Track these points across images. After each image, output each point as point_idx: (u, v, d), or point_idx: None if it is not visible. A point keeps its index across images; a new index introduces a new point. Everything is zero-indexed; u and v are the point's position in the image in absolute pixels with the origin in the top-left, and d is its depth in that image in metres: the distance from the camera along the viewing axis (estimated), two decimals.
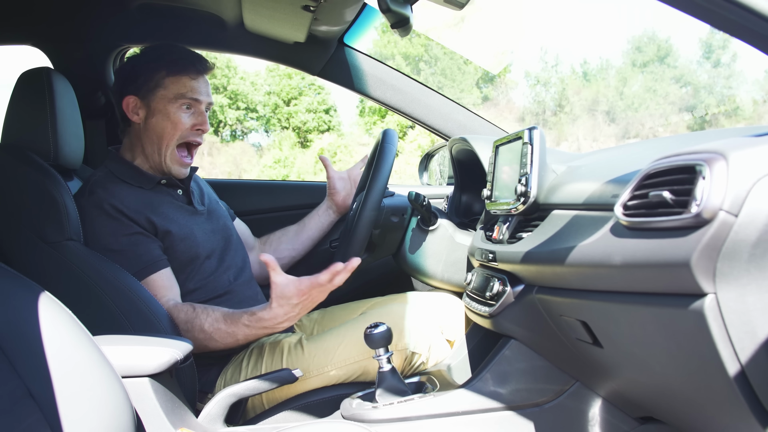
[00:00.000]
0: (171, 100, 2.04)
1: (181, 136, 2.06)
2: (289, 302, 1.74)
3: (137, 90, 2.05)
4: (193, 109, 2.07)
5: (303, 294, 1.73)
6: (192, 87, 2.05)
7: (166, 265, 1.95)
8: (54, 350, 1.17)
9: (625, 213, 1.11)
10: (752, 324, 0.97)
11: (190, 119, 2.06)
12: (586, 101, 29.71)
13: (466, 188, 2.48)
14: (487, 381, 1.70)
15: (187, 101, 2.05)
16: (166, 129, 2.04)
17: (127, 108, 2.06)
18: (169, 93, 2.04)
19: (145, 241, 1.93)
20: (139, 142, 2.09)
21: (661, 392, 1.31)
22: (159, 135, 2.05)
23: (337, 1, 2.06)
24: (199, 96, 2.06)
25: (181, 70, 2.05)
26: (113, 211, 1.91)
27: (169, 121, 2.04)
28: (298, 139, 29.78)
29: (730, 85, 30.15)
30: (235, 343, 1.85)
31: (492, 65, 6.16)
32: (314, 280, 1.72)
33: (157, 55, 2.08)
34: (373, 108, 27.81)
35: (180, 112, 2.04)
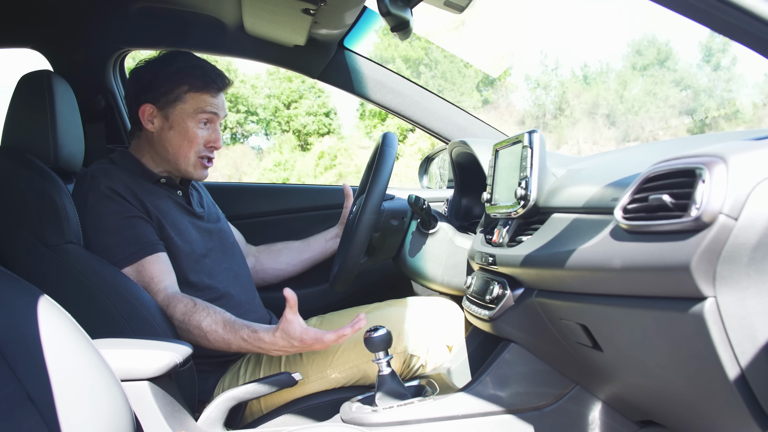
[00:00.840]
0: (190, 114, 2.05)
1: (196, 151, 2.07)
2: (290, 341, 1.74)
3: (156, 99, 2.05)
4: (210, 125, 2.09)
5: (304, 343, 1.73)
6: (212, 103, 2.07)
7: (162, 250, 1.95)
8: (53, 354, 1.17)
9: (624, 216, 1.11)
10: (752, 327, 0.97)
11: (205, 135, 2.08)
12: (587, 104, 29.74)
13: (466, 191, 2.48)
14: (486, 384, 1.70)
15: (205, 116, 2.07)
16: (182, 144, 2.06)
17: (143, 115, 2.07)
18: (188, 108, 2.05)
19: (142, 224, 1.93)
20: (151, 148, 2.10)
21: (661, 396, 1.30)
22: (174, 147, 2.06)
23: (337, 5, 2.06)
24: (218, 112, 2.09)
25: (204, 88, 2.06)
26: (113, 194, 1.91)
27: (185, 136, 2.05)
28: (299, 143, 29.82)
29: (730, 89, 30.20)
30: (227, 349, 1.84)
31: (492, 68, 6.16)
32: (319, 336, 1.73)
33: (179, 67, 2.08)
34: (374, 111, 27.85)
35: (197, 128, 2.06)
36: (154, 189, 2.06)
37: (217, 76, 2.10)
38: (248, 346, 1.80)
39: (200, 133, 2.06)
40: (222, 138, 2.14)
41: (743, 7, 1.00)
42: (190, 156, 2.07)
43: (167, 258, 1.96)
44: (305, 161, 28.38)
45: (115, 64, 2.77)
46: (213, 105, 2.07)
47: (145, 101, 2.06)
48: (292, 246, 2.54)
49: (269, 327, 1.79)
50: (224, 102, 2.14)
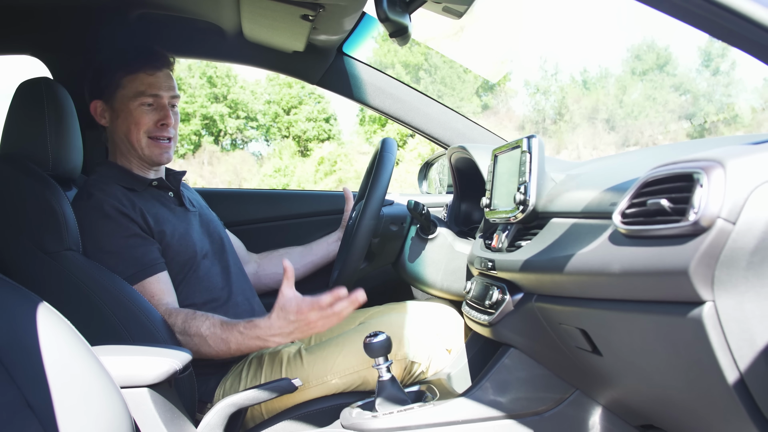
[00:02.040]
0: (131, 98, 2.04)
1: (146, 131, 2.06)
2: (287, 317, 1.75)
3: (101, 93, 2.07)
4: (155, 105, 2.07)
5: (302, 313, 1.74)
6: (150, 83, 2.05)
7: (163, 269, 1.95)
8: (53, 361, 1.17)
9: (623, 221, 1.11)
10: (751, 332, 0.97)
11: (152, 116, 2.06)
12: (586, 109, 29.78)
13: (466, 197, 2.48)
14: (486, 390, 1.70)
15: (147, 98, 2.05)
16: (130, 128, 2.05)
17: (95, 112, 2.09)
18: (128, 92, 2.04)
19: (143, 243, 1.94)
20: (114, 145, 2.11)
21: (661, 400, 1.30)
22: (125, 134, 2.06)
23: (335, 11, 2.06)
24: (158, 91, 2.06)
25: (137, 68, 2.05)
26: (114, 211, 1.91)
27: (131, 119, 2.05)
28: (298, 148, 29.86)
29: (729, 93, 30.23)
30: (227, 351, 1.84)
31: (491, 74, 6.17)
32: (315, 300, 1.74)
33: (113, 56, 2.09)
34: (373, 117, 27.89)
35: (141, 110, 2.05)
36: (148, 196, 2.07)
37: (149, 55, 2.08)
38: (246, 341, 1.81)
39: (145, 114, 2.05)
40: (174, 115, 2.12)
41: (741, 13, 1.00)
42: (141, 139, 2.06)
43: (167, 277, 1.96)
44: (305, 167, 28.41)
45: None
46: (151, 85, 2.05)
47: (93, 98, 2.09)
48: (294, 251, 2.54)
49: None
50: (169, 81, 2.12)
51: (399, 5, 1.42)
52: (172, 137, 2.12)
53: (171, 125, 2.09)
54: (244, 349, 1.85)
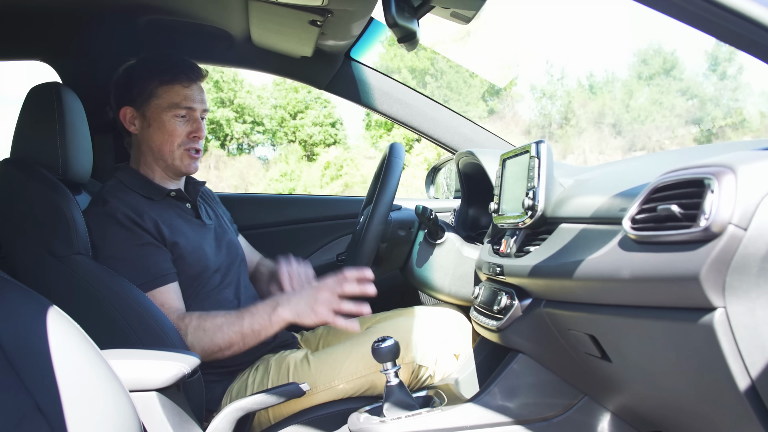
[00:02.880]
0: (165, 109, 2.05)
1: (180, 143, 2.07)
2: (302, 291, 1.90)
3: (132, 101, 2.07)
4: (188, 117, 2.08)
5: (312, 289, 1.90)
6: (185, 95, 2.06)
7: (174, 279, 1.96)
8: (62, 364, 1.17)
9: (633, 227, 1.11)
10: (762, 338, 0.97)
11: (185, 127, 2.07)
12: (592, 114, 29.71)
13: (473, 202, 2.48)
14: (495, 395, 1.69)
15: (181, 110, 2.06)
16: (164, 138, 2.06)
17: (124, 119, 2.08)
18: (162, 102, 2.05)
19: (156, 253, 1.94)
20: (140, 152, 2.11)
21: (670, 406, 1.30)
22: (157, 144, 2.06)
23: (344, 16, 2.07)
24: (192, 104, 2.07)
25: (173, 79, 2.05)
26: (127, 220, 1.92)
27: (164, 130, 2.05)
28: (305, 153, 29.84)
29: (736, 98, 30.12)
30: (240, 337, 1.88)
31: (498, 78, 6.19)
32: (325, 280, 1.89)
33: (149, 64, 2.10)
34: (380, 121, 27.87)
35: (175, 121, 2.05)
36: (164, 206, 2.07)
37: (186, 67, 2.09)
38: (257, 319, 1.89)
39: (178, 125, 2.06)
40: (204, 128, 2.14)
41: (747, 15, 1.00)
42: (174, 150, 2.07)
43: (177, 287, 1.97)
44: (311, 171, 28.40)
45: None
46: (186, 97, 2.06)
47: (124, 104, 2.08)
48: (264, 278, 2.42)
49: None
50: (202, 94, 2.12)
51: (407, 11, 1.43)
52: (201, 149, 2.13)
53: (202, 138, 2.12)
54: (256, 326, 1.89)
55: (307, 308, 1.87)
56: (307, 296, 1.90)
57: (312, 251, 2.91)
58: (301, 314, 1.87)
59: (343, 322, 1.86)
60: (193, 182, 2.22)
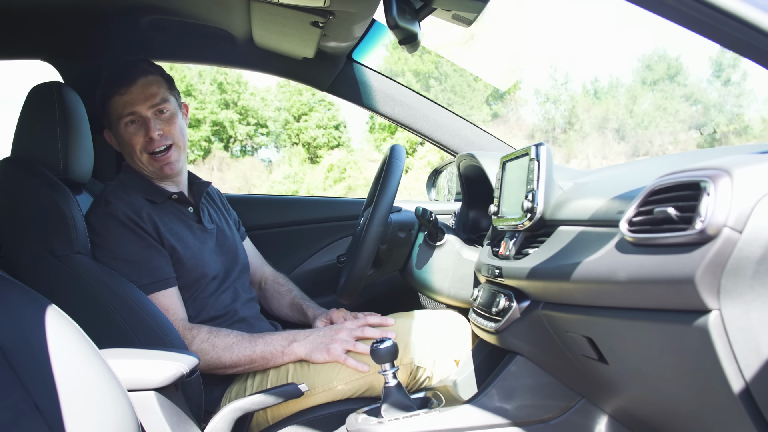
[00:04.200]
0: (116, 123, 2.06)
1: (142, 149, 2.05)
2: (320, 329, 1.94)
3: (106, 123, 2.11)
4: (138, 122, 2.05)
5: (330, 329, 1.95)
6: (124, 102, 2.03)
7: (175, 284, 1.97)
8: (60, 363, 1.18)
9: (630, 229, 1.11)
10: (757, 341, 0.97)
11: (138, 132, 2.04)
12: (596, 119, 29.69)
13: (474, 204, 2.48)
14: (492, 397, 1.69)
15: (125, 118, 2.04)
16: (126, 150, 2.08)
17: (111, 142, 2.13)
18: (113, 118, 2.07)
19: (157, 256, 1.95)
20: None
21: (667, 409, 1.30)
22: (128, 157, 2.10)
23: (345, 18, 2.07)
24: (133, 108, 2.03)
25: (110, 92, 2.05)
26: (129, 222, 1.92)
27: (124, 142, 2.07)
28: (308, 155, 29.85)
29: (740, 104, 30.09)
30: (249, 361, 1.91)
31: (501, 82, 6.18)
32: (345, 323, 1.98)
33: (101, 85, 2.10)
34: (383, 124, 27.89)
35: (127, 130, 2.05)
36: (166, 209, 2.08)
37: (117, 74, 2.06)
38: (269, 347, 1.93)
39: (134, 134, 2.04)
40: (155, 126, 2.03)
41: (749, 22, 1.00)
42: (141, 158, 2.06)
43: (178, 292, 1.99)
44: (315, 174, 28.40)
45: None
46: (126, 104, 2.03)
47: (104, 127, 2.13)
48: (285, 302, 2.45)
49: None
50: (146, 91, 2.04)
51: (408, 12, 1.43)
52: (171, 144, 2.08)
53: (157, 137, 2.04)
54: (267, 355, 1.91)
55: (321, 346, 1.90)
56: (324, 335, 1.93)
57: (313, 252, 2.91)
58: (314, 351, 1.90)
59: (353, 362, 1.89)
60: (197, 183, 2.22)
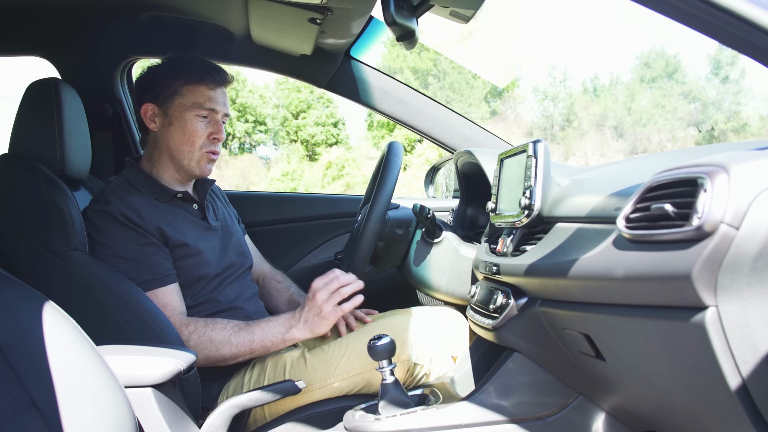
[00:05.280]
0: (188, 108, 2.05)
1: (200, 146, 2.07)
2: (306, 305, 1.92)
3: (155, 98, 2.07)
4: (209, 119, 2.08)
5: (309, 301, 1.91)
6: (209, 96, 2.06)
7: (175, 281, 1.96)
8: (57, 360, 1.17)
9: (627, 226, 1.11)
10: (753, 337, 0.97)
11: (206, 129, 2.07)
12: (594, 116, 29.72)
13: (471, 201, 2.48)
14: (490, 394, 1.69)
15: (203, 111, 2.06)
16: (184, 139, 2.06)
17: (145, 115, 2.08)
18: (186, 101, 2.05)
19: (157, 253, 1.94)
20: (157, 151, 2.10)
21: (664, 406, 1.30)
22: (177, 143, 2.07)
23: (343, 15, 2.07)
24: (215, 106, 2.07)
25: (199, 80, 2.06)
26: (126, 221, 1.91)
27: (185, 129, 2.05)
28: (306, 153, 29.87)
29: (738, 102, 30.12)
30: (248, 350, 1.91)
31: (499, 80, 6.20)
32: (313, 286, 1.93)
33: (176, 63, 2.10)
34: (382, 122, 27.90)
35: (196, 121, 2.05)
36: (170, 207, 2.07)
37: (213, 69, 2.10)
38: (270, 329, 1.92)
39: (200, 126, 2.06)
40: (224, 131, 2.14)
41: (748, 19, 1.00)
42: (194, 151, 2.07)
43: (178, 288, 1.98)
44: (313, 171, 28.41)
45: (123, 72, 2.79)
46: (210, 99, 2.07)
47: (146, 101, 2.08)
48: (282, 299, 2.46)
49: None
50: (225, 98, 2.13)
51: (406, 9, 1.43)
52: (219, 152, 2.14)
53: (222, 140, 2.12)
54: (267, 343, 1.91)
55: (317, 319, 1.90)
56: (310, 309, 1.91)
57: (310, 249, 2.91)
58: (314, 328, 1.90)
59: (349, 305, 1.92)
60: (202, 181, 2.22)
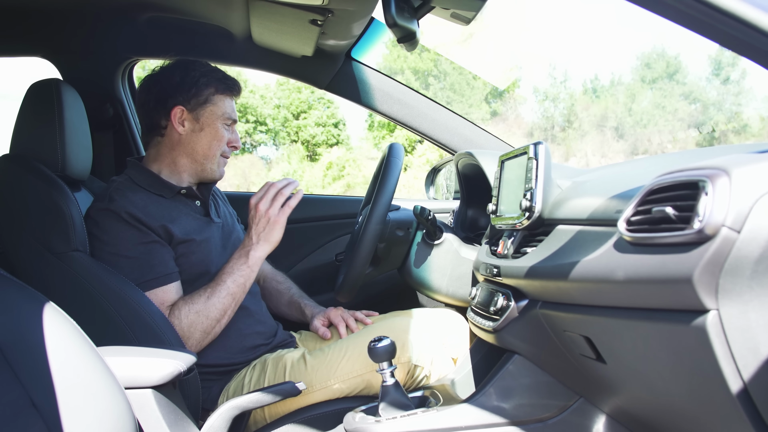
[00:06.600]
0: (218, 117, 2.12)
1: (221, 151, 2.15)
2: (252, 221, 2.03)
3: (186, 101, 2.09)
4: (231, 128, 2.18)
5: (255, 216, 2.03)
6: (232, 107, 2.17)
7: (177, 279, 1.97)
8: (57, 361, 1.17)
9: (628, 228, 1.11)
10: (755, 340, 0.97)
11: (228, 136, 2.16)
12: (595, 117, 29.72)
13: (472, 203, 2.48)
14: (490, 396, 1.69)
15: (230, 121, 2.15)
16: (212, 144, 2.12)
17: (174, 117, 2.08)
18: (218, 110, 2.12)
19: (160, 251, 1.94)
20: (174, 152, 2.11)
21: (665, 409, 1.30)
22: (204, 148, 2.11)
23: (344, 16, 2.07)
24: (236, 116, 2.18)
25: (228, 90, 2.15)
26: (131, 219, 1.91)
27: (216, 136, 2.12)
28: (307, 153, 29.87)
29: (739, 102, 30.11)
30: (231, 299, 1.96)
31: (499, 81, 6.19)
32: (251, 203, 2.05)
33: (204, 71, 2.14)
34: (382, 122, 27.89)
35: (224, 130, 2.14)
36: (174, 204, 2.07)
37: (234, 83, 2.18)
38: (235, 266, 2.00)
39: (226, 134, 2.15)
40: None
41: (749, 22, 1.00)
42: (216, 155, 2.14)
43: (179, 286, 1.98)
44: (313, 172, 28.41)
45: (124, 73, 2.79)
46: (234, 110, 2.19)
47: (175, 104, 2.08)
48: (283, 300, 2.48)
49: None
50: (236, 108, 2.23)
51: (407, 11, 1.43)
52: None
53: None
54: (240, 280, 1.98)
55: (267, 227, 2.00)
56: (258, 223, 2.01)
57: (311, 250, 2.91)
58: (269, 237, 2.01)
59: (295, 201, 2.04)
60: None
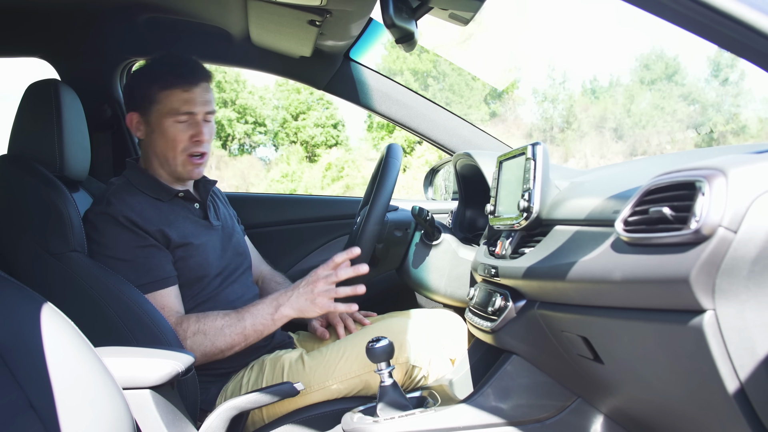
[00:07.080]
0: (165, 115, 2.01)
1: (183, 149, 2.04)
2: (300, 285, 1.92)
3: (137, 106, 2.05)
4: (189, 122, 2.04)
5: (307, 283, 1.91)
6: (185, 99, 2.01)
7: (175, 283, 1.96)
8: (56, 361, 1.17)
9: (625, 229, 1.11)
10: (751, 341, 0.97)
11: (187, 131, 2.03)
12: (594, 118, 29.73)
13: (470, 203, 2.48)
14: (488, 396, 1.69)
15: (181, 116, 2.02)
16: (166, 145, 2.03)
17: (131, 124, 2.07)
18: (163, 108, 2.01)
19: (157, 255, 1.94)
20: (147, 156, 2.10)
21: (662, 409, 1.30)
22: (161, 150, 2.04)
23: (342, 16, 2.07)
24: (193, 108, 2.02)
25: (172, 84, 2.01)
26: (128, 223, 1.91)
27: (166, 136, 2.02)
28: (306, 154, 29.87)
29: (738, 104, 30.12)
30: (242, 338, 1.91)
31: (498, 81, 6.20)
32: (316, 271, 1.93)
33: (151, 69, 2.08)
34: (381, 123, 27.89)
35: (176, 127, 2.02)
36: (171, 207, 2.06)
37: (185, 70, 2.04)
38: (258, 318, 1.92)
39: (180, 131, 2.02)
40: (205, 131, 2.06)
41: (747, 24, 1.00)
42: (177, 156, 2.04)
43: (177, 290, 1.98)
44: (312, 173, 28.41)
45: (122, 73, 2.79)
46: (187, 102, 2.02)
47: (129, 109, 2.08)
48: None
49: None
50: (205, 97, 2.06)
51: (405, 11, 1.43)
52: (206, 152, 2.10)
53: (205, 141, 2.06)
54: (258, 326, 1.92)
55: (307, 303, 1.90)
56: (305, 291, 1.91)
57: (310, 251, 2.91)
58: (303, 310, 1.90)
59: (343, 306, 1.89)
60: (203, 181, 2.21)
